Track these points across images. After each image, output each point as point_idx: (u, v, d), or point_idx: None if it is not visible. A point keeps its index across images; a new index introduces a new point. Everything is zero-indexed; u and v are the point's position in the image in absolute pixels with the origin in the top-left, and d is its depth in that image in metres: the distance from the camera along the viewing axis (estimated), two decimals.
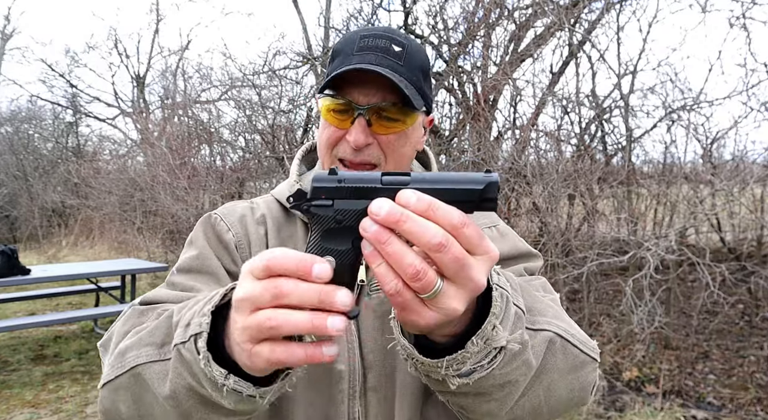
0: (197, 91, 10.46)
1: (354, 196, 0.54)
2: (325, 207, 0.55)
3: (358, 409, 0.85)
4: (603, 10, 5.26)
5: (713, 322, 4.64)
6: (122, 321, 0.79)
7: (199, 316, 0.60)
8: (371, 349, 0.87)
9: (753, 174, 4.11)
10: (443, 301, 0.50)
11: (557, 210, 4.92)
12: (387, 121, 0.87)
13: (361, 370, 0.86)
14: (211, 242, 0.92)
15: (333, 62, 0.90)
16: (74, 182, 12.46)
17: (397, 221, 0.48)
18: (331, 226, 0.54)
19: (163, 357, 0.66)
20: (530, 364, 0.65)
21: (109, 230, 11.25)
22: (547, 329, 0.71)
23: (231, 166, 9.00)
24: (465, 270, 0.49)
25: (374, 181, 0.53)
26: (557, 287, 4.43)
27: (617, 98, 4.94)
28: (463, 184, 0.52)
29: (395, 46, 0.87)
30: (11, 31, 17.72)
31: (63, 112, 15.82)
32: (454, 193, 0.52)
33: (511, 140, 5.83)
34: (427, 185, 0.52)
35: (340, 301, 0.49)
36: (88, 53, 21.23)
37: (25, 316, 6.29)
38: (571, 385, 0.74)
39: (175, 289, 0.87)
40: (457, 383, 0.59)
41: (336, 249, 0.54)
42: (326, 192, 0.55)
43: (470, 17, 5.91)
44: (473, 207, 0.52)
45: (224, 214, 0.96)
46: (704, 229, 4.88)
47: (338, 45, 0.91)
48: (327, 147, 0.90)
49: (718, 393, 3.91)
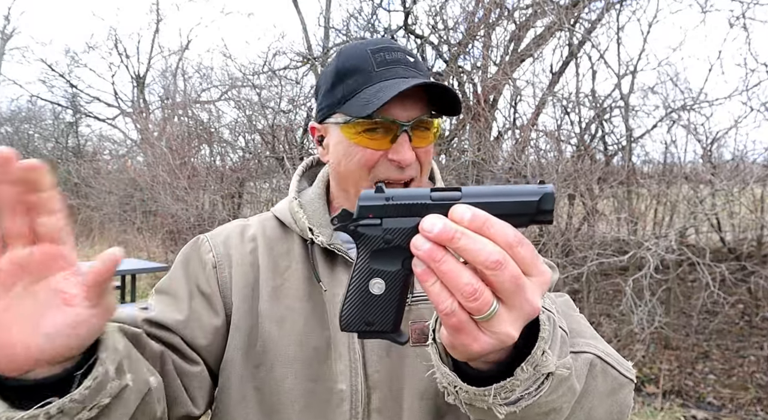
0: (197, 91, 10.49)
1: (403, 214, 0.51)
2: (373, 227, 0.52)
3: None
4: (603, 10, 5.26)
5: (713, 322, 4.64)
6: None
7: None
8: (376, 369, 0.83)
9: (753, 174, 4.11)
10: (498, 324, 0.47)
11: (557, 210, 4.92)
12: (423, 132, 0.85)
13: (365, 390, 0.82)
14: (191, 262, 0.92)
15: (345, 81, 0.84)
16: (74, 182, 12.46)
17: (451, 238, 0.46)
18: (380, 247, 0.52)
19: None
20: (575, 390, 0.63)
21: (109, 230, 11.26)
22: (587, 351, 0.69)
23: (231, 166, 9.01)
24: (521, 291, 0.46)
25: (424, 198, 0.51)
26: (557, 287, 4.43)
27: (617, 98, 4.95)
28: (518, 196, 0.50)
29: (409, 57, 0.85)
30: (11, 31, 17.74)
31: (63, 112, 15.85)
32: (509, 207, 0.49)
33: (511, 140, 5.83)
34: (480, 199, 0.50)
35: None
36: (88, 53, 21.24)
37: None
38: (611, 409, 0.71)
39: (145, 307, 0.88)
40: (505, 412, 0.56)
41: (386, 270, 0.52)
42: (374, 211, 0.52)
43: (470, 17, 5.91)
44: (529, 220, 0.50)
45: (212, 235, 0.96)
46: (704, 229, 4.88)
47: (348, 62, 0.85)
48: (365, 171, 0.84)
49: (718, 393, 3.91)
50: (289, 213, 0.94)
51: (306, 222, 0.90)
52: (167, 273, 0.95)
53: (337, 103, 0.85)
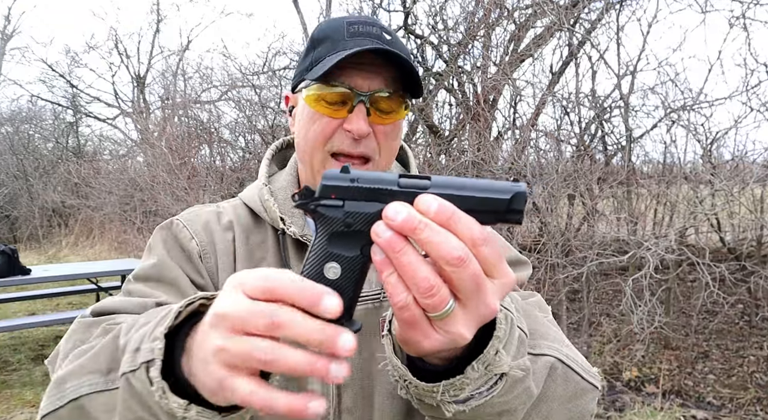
0: (197, 92, 10.49)
1: (367, 198, 0.49)
2: (334, 208, 0.49)
3: None
4: (603, 10, 5.26)
5: (713, 322, 4.64)
6: (67, 336, 0.71)
7: (150, 340, 0.52)
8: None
9: (753, 174, 4.11)
10: (452, 323, 0.45)
11: (557, 210, 4.92)
12: (384, 110, 0.81)
13: (335, 390, 0.80)
14: (171, 251, 0.85)
15: (316, 49, 0.83)
16: (74, 182, 12.46)
17: (414, 229, 0.43)
18: (339, 229, 0.49)
19: (110, 386, 0.57)
20: (531, 392, 0.61)
21: (109, 230, 11.26)
22: (548, 354, 0.67)
23: (231, 166, 9.01)
24: (480, 292, 0.44)
25: (391, 183, 0.48)
26: (557, 287, 4.43)
27: (617, 98, 4.94)
28: (488, 192, 0.47)
29: (386, 35, 0.82)
30: (11, 31, 17.74)
31: (63, 112, 15.84)
32: (478, 202, 0.47)
33: (511, 140, 5.84)
34: (449, 191, 0.47)
35: (343, 346, 0.43)
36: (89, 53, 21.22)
37: (26, 316, 6.29)
38: (570, 414, 0.69)
39: (133, 297, 0.80)
40: (453, 410, 0.55)
41: (343, 255, 0.48)
42: (337, 191, 0.50)
43: (470, 17, 5.91)
44: (498, 218, 0.47)
45: (188, 220, 0.89)
46: (704, 229, 4.88)
47: (321, 32, 0.84)
48: (320, 141, 0.82)
49: (717, 393, 3.91)
50: (259, 201, 0.89)
51: (277, 211, 0.86)
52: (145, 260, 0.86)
53: (305, 70, 0.84)
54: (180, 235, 0.86)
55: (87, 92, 15.38)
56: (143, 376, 0.52)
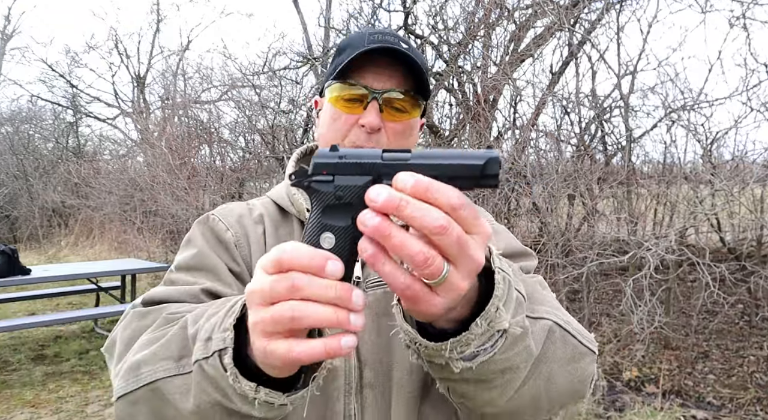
0: (197, 92, 10.49)
1: (355, 172, 0.53)
2: (325, 183, 0.54)
3: (354, 405, 0.85)
4: (603, 10, 5.26)
5: (713, 322, 4.64)
6: (124, 324, 0.78)
7: (221, 331, 0.59)
8: (368, 347, 0.87)
9: (753, 174, 4.10)
10: (450, 283, 0.49)
11: (557, 210, 4.92)
12: (397, 109, 0.89)
13: (357, 366, 0.86)
14: (209, 242, 0.92)
15: (340, 56, 0.92)
16: (74, 182, 12.46)
17: (396, 206, 0.47)
18: (331, 202, 0.54)
19: (182, 371, 0.65)
20: (531, 351, 0.65)
21: (109, 230, 11.26)
22: (546, 317, 0.71)
23: (231, 166, 9.02)
24: (465, 250, 0.48)
25: (375, 157, 0.53)
26: (557, 287, 4.43)
27: (617, 98, 4.94)
28: (464, 159, 0.51)
29: (403, 44, 0.90)
30: (11, 31, 17.73)
31: (63, 112, 15.84)
32: (455, 169, 0.51)
33: (511, 140, 5.83)
34: (428, 161, 0.51)
35: (356, 299, 0.48)
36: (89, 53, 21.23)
37: (25, 316, 6.29)
38: (571, 376, 0.73)
39: (176, 285, 0.86)
40: (461, 366, 0.59)
41: (336, 225, 0.53)
42: (327, 168, 0.54)
43: (470, 17, 5.91)
44: (474, 183, 0.51)
45: (222, 214, 0.97)
46: (704, 229, 4.88)
47: (344, 42, 0.94)
48: (339, 136, 0.90)
49: (717, 393, 3.91)
50: (287, 196, 0.98)
51: (304, 203, 0.93)
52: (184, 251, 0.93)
53: (330, 75, 0.92)
54: (216, 227, 0.94)
55: (87, 92, 15.40)
56: (216, 362, 0.58)
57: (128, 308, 0.82)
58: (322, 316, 0.47)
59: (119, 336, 0.77)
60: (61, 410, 4.06)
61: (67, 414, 4.00)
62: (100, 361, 5.10)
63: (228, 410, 0.60)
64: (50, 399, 4.25)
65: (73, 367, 4.97)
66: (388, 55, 0.88)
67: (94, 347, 5.51)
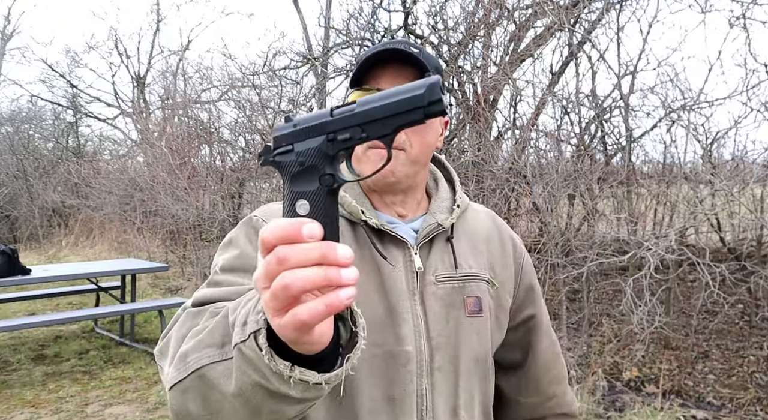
0: (197, 92, 10.49)
1: (310, 135, 0.54)
2: (287, 153, 0.55)
3: (425, 386, 0.92)
4: (603, 10, 5.26)
5: (713, 322, 4.64)
6: (178, 325, 0.81)
7: (255, 313, 0.61)
8: (438, 333, 0.94)
9: (753, 174, 4.10)
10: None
11: (557, 210, 4.92)
12: None
13: (428, 350, 0.93)
14: (253, 242, 0.94)
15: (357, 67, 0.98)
16: (74, 182, 12.46)
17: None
18: (296, 170, 0.54)
19: (225, 357, 0.67)
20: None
21: (109, 230, 11.25)
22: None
23: (231, 166, 9.01)
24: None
25: (325, 116, 0.54)
26: (557, 287, 4.44)
27: (617, 98, 4.94)
28: (407, 93, 0.51)
29: (413, 49, 0.94)
30: (11, 31, 17.73)
31: (63, 112, 15.84)
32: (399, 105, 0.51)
33: (511, 140, 5.83)
34: (372, 104, 0.52)
35: (343, 254, 0.49)
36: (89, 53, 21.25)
37: (25, 316, 6.30)
38: None
39: (221, 286, 0.88)
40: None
41: (306, 190, 0.54)
42: (286, 138, 0.55)
43: (470, 17, 5.91)
44: (423, 114, 0.51)
45: (265, 214, 0.98)
46: (704, 229, 4.88)
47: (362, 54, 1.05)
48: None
49: (717, 393, 3.91)
50: None
51: (356, 205, 0.96)
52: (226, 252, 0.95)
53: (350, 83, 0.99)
54: (260, 227, 0.95)
55: (87, 92, 15.40)
56: (252, 344, 0.60)
57: (179, 311, 0.85)
58: (311, 277, 0.48)
59: (174, 335, 0.79)
60: (61, 410, 4.06)
61: (67, 414, 4.00)
62: (100, 361, 5.10)
63: (268, 391, 0.62)
64: (50, 399, 4.25)
65: (73, 367, 4.97)
66: (399, 59, 0.93)
67: (94, 347, 5.51)
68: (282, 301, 0.50)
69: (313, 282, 0.48)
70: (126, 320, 5.78)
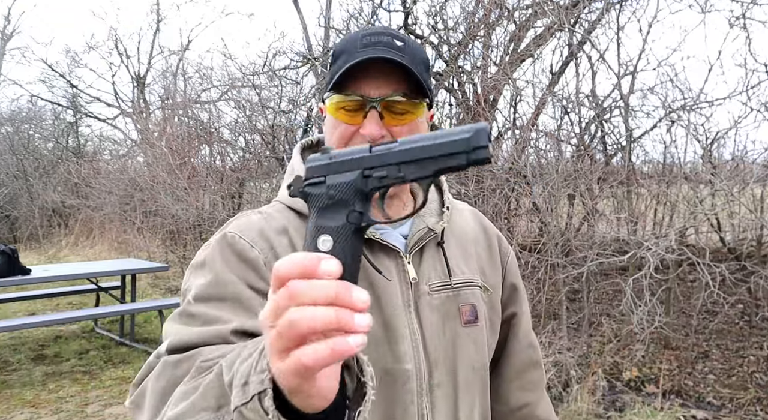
0: (197, 92, 10.49)
1: (344, 169, 0.52)
2: (318, 185, 0.53)
3: (426, 405, 0.88)
4: (603, 10, 5.26)
5: (713, 322, 4.64)
6: (155, 376, 0.73)
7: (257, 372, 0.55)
8: (435, 347, 0.89)
9: (753, 174, 4.11)
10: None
11: (557, 210, 4.92)
12: (398, 113, 0.87)
13: (426, 367, 0.88)
14: (230, 264, 0.84)
15: (335, 63, 0.90)
16: (74, 182, 12.46)
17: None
18: (324, 203, 0.52)
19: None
20: None
21: (109, 230, 11.25)
22: None
23: (231, 166, 9.02)
24: None
25: (363, 151, 0.52)
26: (557, 287, 4.44)
27: (617, 98, 4.94)
28: (450, 136, 0.49)
29: (397, 41, 0.88)
30: (11, 31, 17.73)
31: (63, 112, 15.83)
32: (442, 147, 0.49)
33: (511, 140, 5.84)
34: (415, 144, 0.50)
35: (357, 297, 0.45)
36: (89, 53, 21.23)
37: (25, 316, 6.29)
38: None
39: (197, 321, 0.79)
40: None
41: (331, 226, 0.51)
42: (319, 170, 0.53)
43: (470, 17, 5.91)
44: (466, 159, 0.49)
45: (241, 230, 0.88)
46: (704, 229, 4.88)
47: (339, 46, 0.91)
48: (341, 145, 0.87)
49: (717, 393, 3.91)
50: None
51: None
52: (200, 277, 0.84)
53: (328, 83, 0.90)
54: (238, 246, 0.86)
55: (87, 92, 15.38)
56: (257, 406, 0.54)
57: (152, 357, 0.77)
58: (321, 316, 0.44)
59: (150, 387, 0.72)
60: (61, 410, 4.06)
61: (67, 414, 4.00)
62: (100, 361, 5.10)
63: None
64: (50, 399, 4.25)
65: (73, 367, 4.97)
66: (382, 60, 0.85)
67: (94, 347, 5.51)
68: (287, 340, 0.45)
69: (322, 322, 0.43)
70: (126, 320, 5.78)
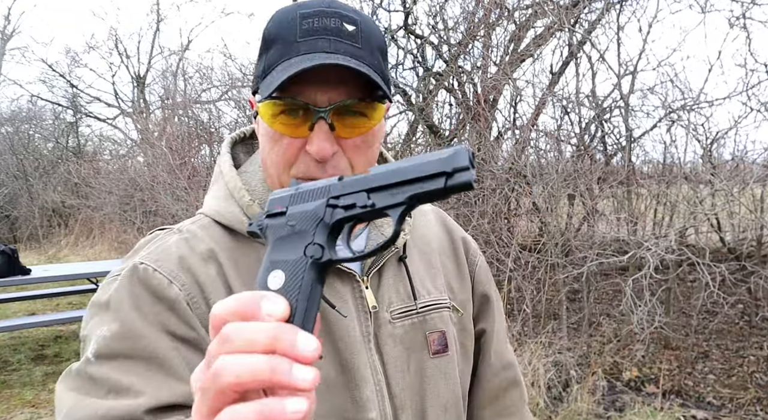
0: (197, 91, 10.49)
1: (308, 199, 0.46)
2: (279, 215, 0.47)
3: None
4: (603, 10, 5.26)
5: (713, 322, 4.64)
6: None
7: None
8: (401, 388, 0.75)
9: (753, 174, 4.11)
10: None
11: (557, 210, 4.92)
12: (352, 120, 0.68)
13: (392, 413, 0.74)
14: (143, 308, 0.65)
15: (269, 52, 0.68)
16: (74, 182, 12.46)
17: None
18: (283, 234, 0.45)
19: None
20: None
21: (109, 230, 11.26)
22: None
23: None
24: None
25: (331, 181, 0.47)
26: (557, 287, 4.44)
27: (617, 98, 4.94)
28: (427, 157, 0.43)
29: (347, 25, 0.67)
30: (11, 31, 17.73)
31: (63, 112, 15.83)
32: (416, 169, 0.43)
33: (511, 140, 5.84)
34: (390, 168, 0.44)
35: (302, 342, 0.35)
36: (89, 53, 21.21)
37: (25, 316, 6.29)
38: None
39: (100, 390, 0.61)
40: None
41: (285, 260, 0.43)
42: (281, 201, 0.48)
43: (470, 17, 5.91)
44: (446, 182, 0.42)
45: (156, 260, 0.69)
46: (704, 229, 4.88)
47: (273, 27, 0.68)
48: (283, 165, 0.69)
49: (717, 393, 3.91)
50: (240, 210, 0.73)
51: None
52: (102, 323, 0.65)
53: (260, 75, 0.69)
54: (152, 282, 0.67)
55: (87, 92, 15.37)
56: None
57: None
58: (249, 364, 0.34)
59: None
60: None
61: None
62: None
63: None
64: (50, 399, 4.25)
65: None
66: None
67: None
68: (211, 399, 0.35)
69: (249, 371, 0.34)
70: None
